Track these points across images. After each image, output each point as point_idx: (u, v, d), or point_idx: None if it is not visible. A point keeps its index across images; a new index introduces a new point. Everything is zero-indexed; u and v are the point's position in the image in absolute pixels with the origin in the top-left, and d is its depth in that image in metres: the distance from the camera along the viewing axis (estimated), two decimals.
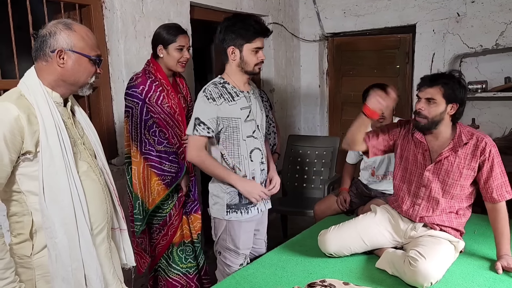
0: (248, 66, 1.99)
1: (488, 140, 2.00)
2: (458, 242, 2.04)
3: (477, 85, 3.49)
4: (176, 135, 2.27)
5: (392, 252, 2.05)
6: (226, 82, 2.01)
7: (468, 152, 2.00)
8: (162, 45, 2.22)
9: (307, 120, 4.53)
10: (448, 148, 2.02)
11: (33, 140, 1.30)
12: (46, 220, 1.31)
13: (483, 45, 3.40)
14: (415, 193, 2.11)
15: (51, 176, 1.31)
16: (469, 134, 2.02)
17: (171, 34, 2.22)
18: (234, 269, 2.10)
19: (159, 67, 2.26)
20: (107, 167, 1.56)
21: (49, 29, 1.36)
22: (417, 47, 3.72)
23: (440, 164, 2.04)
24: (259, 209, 2.11)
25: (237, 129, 1.99)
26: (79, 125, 1.50)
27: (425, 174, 2.07)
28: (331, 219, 2.70)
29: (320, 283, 1.81)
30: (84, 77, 1.41)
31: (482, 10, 3.36)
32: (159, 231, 2.33)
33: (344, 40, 4.23)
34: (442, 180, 2.05)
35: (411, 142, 2.14)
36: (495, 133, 3.54)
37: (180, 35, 2.23)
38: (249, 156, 2.03)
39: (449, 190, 2.04)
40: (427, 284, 1.81)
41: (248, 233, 2.11)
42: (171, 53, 2.22)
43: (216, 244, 2.15)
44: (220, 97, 1.95)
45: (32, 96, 1.32)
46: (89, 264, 1.38)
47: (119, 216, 1.60)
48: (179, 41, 2.22)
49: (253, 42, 1.96)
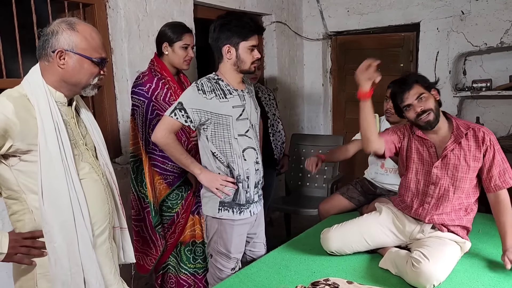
0: (244, 64, 1.94)
1: (484, 129, 2.01)
2: (464, 243, 2.03)
3: (482, 83, 3.48)
4: (185, 132, 2.28)
5: (395, 252, 2.04)
6: (220, 79, 1.97)
7: (470, 143, 2.00)
8: (168, 42, 2.23)
9: (310, 119, 4.52)
10: (451, 141, 2.02)
11: (26, 140, 1.27)
12: (45, 225, 1.30)
13: (487, 43, 3.38)
14: (424, 192, 2.09)
15: (50, 180, 1.29)
16: (465, 125, 2.03)
17: (177, 32, 2.23)
18: (225, 273, 2.06)
19: (163, 65, 2.27)
20: (111, 167, 1.56)
21: (52, 28, 1.33)
22: (421, 45, 3.71)
23: (447, 159, 2.03)
24: (252, 211, 2.06)
25: (227, 126, 1.93)
26: (82, 125, 1.49)
27: (433, 172, 2.05)
28: (335, 218, 2.70)
29: (323, 282, 1.81)
30: (86, 79, 1.38)
31: (486, 8, 3.34)
32: (167, 230, 2.34)
33: (347, 38, 4.22)
34: (451, 175, 2.03)
35: (413, 142, 2.14)
36: (500, 132, 3.52)
37: (186, 33, 2.24)
38: (242, 155, 1.98)
39: (459, 185, 2.02)
40: (429, 286, 1.80)
41: (240, 237, 2.06)
42: (176, 51, 2.23)
43: (208, 247, 2.12)
44: (211, 91, 1.91)
45: (34, 96, 1.30)
46: (89, 268, 1.37)
47: (120, 215, 1.59)
48: (184, 39, 2.23)
49: (249, 40, 1.92)
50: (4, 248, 1.28)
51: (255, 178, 2.04)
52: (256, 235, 2.19)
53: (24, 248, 1.31)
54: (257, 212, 2.12)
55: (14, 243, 1.30)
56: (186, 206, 2.33)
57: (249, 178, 2.01)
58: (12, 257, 1.30)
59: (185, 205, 2.33)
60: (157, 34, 2.29)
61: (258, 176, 2.07)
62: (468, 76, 3.69)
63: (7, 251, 1.28)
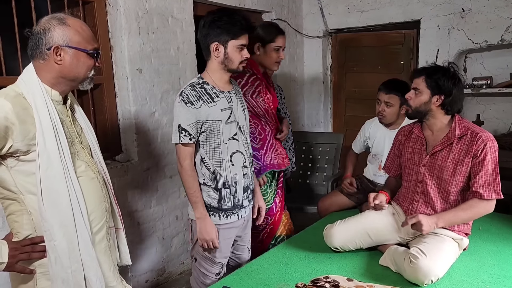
0: (232, 64, 1.88)
1: (485, 135, 1.95)
2: (461, 239, 2.03)
3: (482, 81, 3.47)
4: (269, 126, 2.32)
5: (394, 249, 2.05)
6: (205, 82, 1.90)
7: (462, 147, 1.98)
8: (260, 43, 2.25)
9: (310, 117, 4.52)
10: (441, 141, 2.02)
11: (25, 140, 1.26)
12: (44, 223, 1.30)
13: (488, 41, 3.37)
14: (413, 190, 2.12)
15: (49, 179, 1.29)
16: (464, 128, 2.00)
17: (271, 33, 2.26)
18: (209, 277, 2.01)
19: (254, 62, 2.29)
20: (104, 166, 1.55)
21: (42, 26, 1.31)
22: (422, 43, 3.69)
23: (434, 159, 2.04)
24: (240, 215, 2.01)
25: (217, 131, 1.88)
26: (77, 123, 1.48)
27: (420, 170, 2.08)
28: (335, 215, 2.70)
29: (324, 279, 1.81)
30: (84, 72, 1.38)
31: (487, 6, 3.33)
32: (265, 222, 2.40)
33: (348, 36, 4.21)
34: (436, 176, 2.04)
35: (409, 140, 2.17)
36: (500, 129, 3.52)
37: (280, 35, 2.28)
38: (230, 160, 1.92)
39: (444, 187, 2.02)
40: (427, 282, 1.81)
41: (226, 241, 2.00)
42: (268, 53, 2.27)
43: (192, 249, 2.06)
44: (198, 99, 1.84)
45: (30, 95, 1.29)
46: (89, 266, 1.37)
47: (115, 215, 1.58)
48: (277, 41, 2.27)
49: (239, 39, 1.85)
50: (4, 257, 1.27)
51: (243, 182, 1.98)
52: (240, 238, 2.14)
53: (24, 254, 1.31)
54: (246, 215, 2.07)
55: (14, 252, 1.29)
56: (281, 198, 2.49)
57: (237, 183, 1.96)
58: (14, 266, 1.30)
59: (279, 198, 2.46)
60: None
61: (247, 180, 2.01)
62: (468, 73, 3.68)
63: (7, 260, 1.27)
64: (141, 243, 2.85)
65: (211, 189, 1.93)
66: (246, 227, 2.14)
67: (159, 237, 2.96)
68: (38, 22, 1.34)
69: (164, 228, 2.99)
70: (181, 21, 2.95)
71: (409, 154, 2.17)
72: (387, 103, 2.62)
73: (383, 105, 2.64)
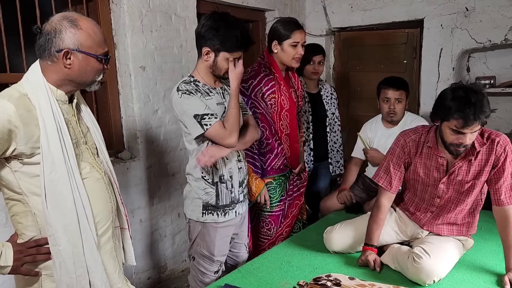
0: (219, 71, 1.87)
1: (502, 140, 1.87)
2: (466, 240, 2.03)
3: (485, 80, 3.46)
4: (277, 131, 2.31)
5: (397, 247, 2.04)
6: (196, 80, 1.90)
7: (482, 157, 1.89)
8: (277, 41, 2.24)
9: None
10: (461, 158, 1.90)
11: (29, 143, 1.24)
12: (49, 228, 1.28)
13: (491, 40, 3.36)
14: (429, 201, 2.04)
15: (54, 183, 1.27)
16: (480, 141, 1.87)
17: (287, 29, 2.23)
18: (208, 276, 2.02)
19: (273, 61, 2.28)
20: (111, 165, 1.52)
21: (53, 26, 1.27)
22: (425, 42, 3.68)
23: (454, 175, 1.94)
24: (237, 211, 2.01)
25: None
26: (83, 122, 1.45)
27: (439, 187, 1.97)
28: (336, 214, 2.70)
29: (325, 277, 1.82)
30: (92, 76, 1.35)
31: (491, 5, 3.32)
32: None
33: (351, 34, 4.20)
34: (457, 190, 1.96)
35: (421, 155, 2.00)
36: (503, 129, 3.51)
37: (296, 31, 2.24)
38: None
39: (464, 199, 1.96)
40: (429, 282, 1.80)
41: (223, 239, 2.01)
42: (285, 49, 2.24)
43: (190, 248, 2.07)
44: (195, 91, 1.84)
45: (35, 95, 1.26)
46: (94, 270, 1.36)
47: (121, 214, 1.56)
48: (293, 37, 2.23)
49: (231, 54, 1.83)
50: (9, 260, 1.26)
51: (238, 177, 1.99)
52: (237, 236, 2.14)
53: (29, 257, 1.30)
54: (242, 212, 2.07)
55: (19, 254, 1.28)
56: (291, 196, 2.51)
57: (232, 177, 1.96)
58: (19, 269, 1.28)
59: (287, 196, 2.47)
60: (269, 31, 2.33)
61: (242, 174, 2.02)
62: (471, 73, 3.67)
63: (12, 263, 1.26)
64: (143, 241, 2.86)
65: (208, 185, 1.93)
66: (242, 224, 2.15)
67: (161, 235, 2.97)
68: (49, 20, 1.30)
69: (166, 225, 2.99)
70: (184, 19, 2.95)
71: (421, 170, 2.01)
72: (398, 99, 2.63)
73: (394, 101, 2.63)
